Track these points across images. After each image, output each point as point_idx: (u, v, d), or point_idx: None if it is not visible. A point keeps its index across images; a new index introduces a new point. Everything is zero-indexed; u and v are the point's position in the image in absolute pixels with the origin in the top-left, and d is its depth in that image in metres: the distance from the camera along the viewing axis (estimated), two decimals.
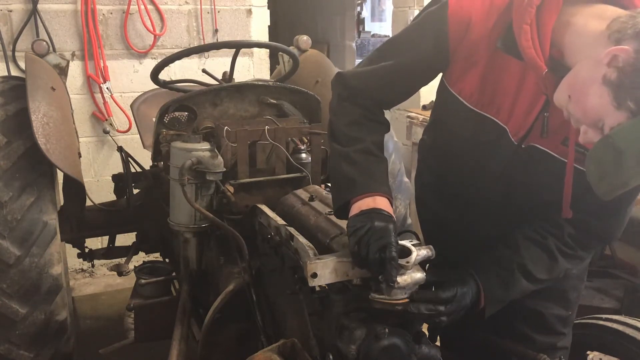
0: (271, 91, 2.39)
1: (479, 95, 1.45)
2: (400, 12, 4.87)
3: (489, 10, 1.35)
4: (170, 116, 2.34)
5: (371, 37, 15.63)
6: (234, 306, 1.87)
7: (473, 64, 1.42)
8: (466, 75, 1.45)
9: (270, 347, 1.47)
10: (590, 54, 1.15)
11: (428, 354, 1.38)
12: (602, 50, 1.11)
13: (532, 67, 1.28)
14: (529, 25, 1.25)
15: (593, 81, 1.12)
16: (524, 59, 1.28)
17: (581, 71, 1.17)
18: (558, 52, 1.26)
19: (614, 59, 1.08)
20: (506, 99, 1.42)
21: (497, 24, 1.35)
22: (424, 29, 1.45)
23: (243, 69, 4.11)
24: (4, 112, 2.12)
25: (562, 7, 1.24)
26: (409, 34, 1.52)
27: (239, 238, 1.84)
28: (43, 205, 2.03)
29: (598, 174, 1.12)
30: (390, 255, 1.25)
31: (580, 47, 1.20)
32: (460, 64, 1.44)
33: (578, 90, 1.17)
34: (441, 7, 1.40)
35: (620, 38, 1.09)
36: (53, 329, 2.04)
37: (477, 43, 1.38)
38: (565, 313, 1.73)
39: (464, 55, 1.42)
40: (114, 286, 3.78)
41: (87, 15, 3.66)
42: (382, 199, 1.39)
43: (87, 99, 3.83)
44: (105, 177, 3.71)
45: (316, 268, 1.33)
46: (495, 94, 1.43)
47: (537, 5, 1.24)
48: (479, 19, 1.36)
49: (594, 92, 1.12)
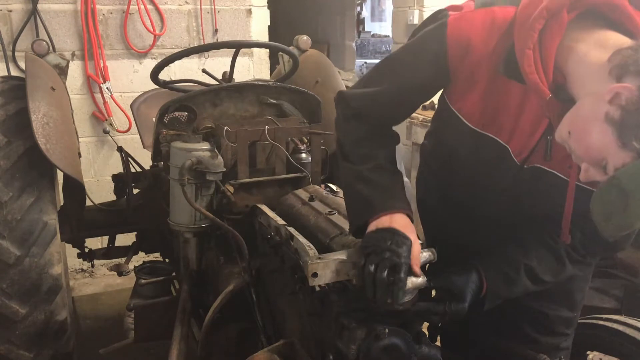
0: (271, 91, 2.39)
1: (479, 115, 1.43)
2: (400, 12, 4.87)
3: (489, 32, 1.32)
4: (170, 116, 2.34)
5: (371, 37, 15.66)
6: (234, 306, 1.88)
7: (473, 84, 1.39)
8: (467, 94, 1.42)
9: (270, 347, 1.47)
10: (592, 88, 1.12)
11: (428, 354, 1.39)
12: (603, 85, 1.08)
13: (536, 92, 1.24)
14: (531, 50, 1.21)
15: (595, 118, 1.08)
16: (527, 83, 1.25)
17: (582, 108, 1.14)
18: (561, 77, 1.22)
19: (616, 96, 1.04)
20: (507, 119, 1.39)
21: (498, 45, 1.32)
22: (423, 49, 1.42)
23: (243, 69, 4.11)
24: (4, 112, 2.12)
25: (565, 31, 1.20)
26: (408, 55, 1.49)
27: (239, 238, 1.84)
28: (43, 205, 2.03)
29: (604, 215, 1.08)
30: (398, 276, 1.26)
31: (582, 77, 1.17)
32: (460, 83, 1.41)
33: (579, 128, 1.13)
34: (440, 27, 1.37)
35: (622, 74, 1.06)
36: (53, 329, 2.04)
37: (477, 64, 1.35)
38: (571, 314, 1.72)
39: (464, 75, 1.39)
40: (114, 286, 3.78)
41: (87, 15, 3.66)
42: (400, 217, 1.38)
43: (87, 99, 3.83)
44: (105, 177, 3.71)
45: (317, 268, 1.34)
46: (496, 114, 1.40)
47: (539, 30, 1.20)
48: (478, 41, 1.33)
49: (596, 130, 1.08)
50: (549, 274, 1.49)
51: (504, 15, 1.31)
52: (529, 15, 1.22)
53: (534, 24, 1.20)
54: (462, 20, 1.35)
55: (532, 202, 1.49)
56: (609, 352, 1.85)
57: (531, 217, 1.51)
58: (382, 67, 1.54)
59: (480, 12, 1.35)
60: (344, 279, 1.38)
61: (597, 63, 1.12)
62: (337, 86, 2.74)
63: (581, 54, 1.17)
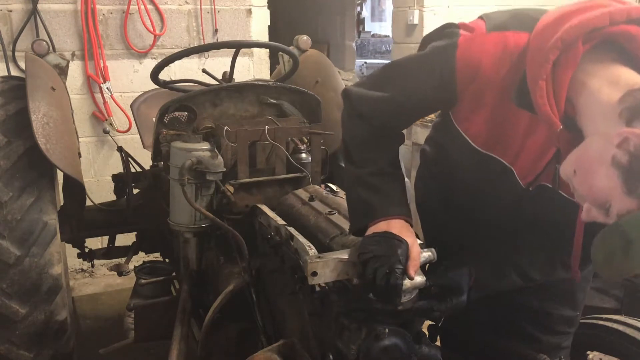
0: (271, 91, 2.39)
1: (485, 137, 1.42)
2: (400, 12, 4.87)
3: (500, 58, 1.29)
4: (170, 116, 2.34)
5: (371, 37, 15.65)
6: (234, 306, 1.88)
7: (481, 107, 1.37)
8: (473, 115, 1.41)
9: (270, 347, 1.47)
10: (601, 127, 1.09)
11: (428, 354, 1.39)
12: (613, 126, 1.05)
13: (546, 123, 1.21)
14: (544, 81, 1.17)
15: (602, 161, 1.05)
16: (538, 114, 1.21)
17: (590, 147, 1.11)
18: (572, 109, 1.19)
19: (625, 141, 1.01)
20: (514, 143, 1.38)
21: (509, 73, 1.29)
22: (431, 66, 1.38)
23: (243, 69, 4.11)
24: (4, 112, 2.12)
25: (579, 64, 1.16)
26: (416, 68, 1.44)
27: (239, 238, 1.84)
28: (43, 205, 2.03)
29: (605, 259, 1.06)
30: (394, 282, 1.27)
31: (592, 114, 1.13)
32: (467, 103, 1.40)
33: (585, 168, 1.11)
34: (450, 46, 1.33)
35: (632, 118, 1.03)
36: (53, 329, 2.04)
37: (486, 88, 1.33)
38: (573, 313, 1.72)
39: (471, 97, 1.37)
40: (114, 286, 3.78)
41: (87, 15, 3.66)
42: (397, 222, 1.39)
43: (87, 99, 3.83)
44: (105, 177, 3.70)
45: (316, 267, 1.34)
46: (502, 137, 1.39)
47: (553, 60, 1.16)
48: (489, 66, 1.30)
49: (602, 173, 1.05)
50: (539, 274, 1.50)
51: (517, 42, 1.27)
52: (543, 44, 1.18)
53: (548, 55, 1.15)
54: (473, 43, 1.31)
55: (535, 215, 1.48)
56: (609, 352, 1.85)
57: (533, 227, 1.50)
58: (389, 72, 1.50)
59: (492, 36, 1.30)
60: (343, 279, 1.38)
61: (608, 102, 1.09)
62: (337, 86, 2.74)
63: (593, 89, 1.13)
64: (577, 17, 1.14)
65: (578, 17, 1.14)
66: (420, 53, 1.44)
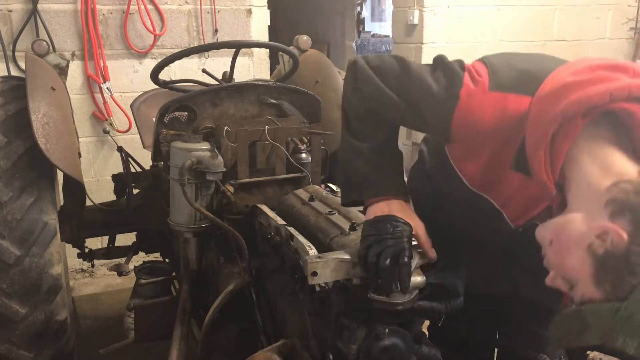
0: (271, 91, 2.39)
1: (479, 180, 1.43)
2: (400, 12, 4.87)
3: (499, 120, 1.28)
4: (170, 116, 2.34)
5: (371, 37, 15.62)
6: (234, 306, 1.88)
7: (475, 156, 1.38)
8: (467, 161, 1.42)
9: (270, 347, 1.47)
10: (586, 207, 1.09)
11: (428, 354, 1.39)
12: (597, 212, 1.05)
13: (541, 188, 1.21)
14: (543, 151, 1.17)
15: (578, 244, 1.06)
16: (534, 179, 1.22)
17: (571, 226, 1.11)
18: (563, 178, 1.19)
19: (604, 234, 1.02)
20: (506, 190, 1.39)
21: (506, 136, 1.29)
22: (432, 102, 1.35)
23: (243, 69, 4.11)
24: (4, 112, 2.12)
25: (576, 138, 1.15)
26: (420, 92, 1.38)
27: (239, 238, 1.84)
28: (43, 205, 2.03)
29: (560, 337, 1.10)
30: (403, 261, 1.27)
31: (580, 193, 1.14)
32: (461, 148, 1.40)
33: (562, 244, 1.12)
34: (451, 96, 1.31)
35: (616, 212, 1.03)
36: (53, 329, 2.04)
37: (481, 144, 1.33)
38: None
39: (465, 146, 1.38)
40: (114, 286, 3.78)
41: (87, 15, 3.66)
42: (397, 203, 1.40)
43: (87, 99, 3.83)
44: (105, 177, 3.70)
45: (316, 267, 1.34)
46: (495, 184, 1.40)
47: (552, 133, 1.16)
48: (486, 127, 1.29)
49: (576, 255, 1.07)
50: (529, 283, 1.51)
51: (517, 107, 1.26)
52: (543, 115, 1.17)
53: (548, 128, 1.15)
54: (473, 101, 1.30)
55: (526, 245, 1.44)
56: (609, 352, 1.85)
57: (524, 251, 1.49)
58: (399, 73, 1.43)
59: (493, 96, 1.28)
60: (343, 278, 1.38)
61: (596, 187, 1.08)
62: (337, 86, 2.74)
63: (585, 169, 1.13)
64: (578, 91, 1.13)
65: (579, 91, 1.13)
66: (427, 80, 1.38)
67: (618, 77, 1.13)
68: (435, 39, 4.70)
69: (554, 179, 1.18)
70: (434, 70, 1.39)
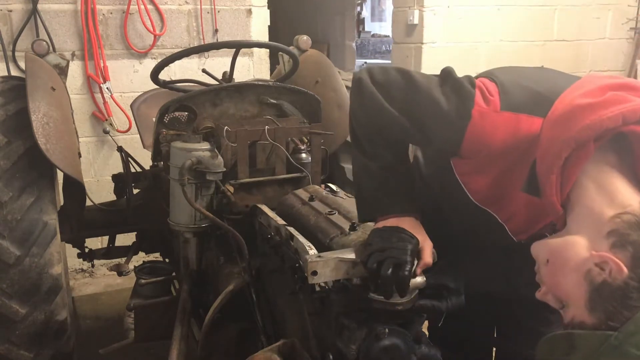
0: (271, 91, 2.39)
1: (484, 196, 1.42)
2: (400, 12, 4.87)
3: (510, 142, 1.28)
4: (170, 116, 2.34)
5: (371, 37, 15.65)
6: (234, 306, 1.88)
7: (483, 172, 1.38)
8: (474, 176, 1.41)
9: (270, 347, 1.47)
10: (587, 233, 1.09)
11: (428, 354, 1.39)
12: (598, 239, 1.06)
13: (549, 208, 1.21)
14: (555, 175, 1.16)
15: (576, 269, 1.07)
16: (544, 201, 1.21)
17: (570, 249, 1.11)
18: (566, 200, 1.19)
19: (604, 264, 1.02)
20: (511, 207, 1.40)
21: (517, 157, 1.29)
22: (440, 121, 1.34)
23: (243, 69, 4.11)
24: (4, 112, 2.12)
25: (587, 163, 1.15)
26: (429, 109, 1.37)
27: (239, 238, 1.84)
28: (43, 205, 2.03)
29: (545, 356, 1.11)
30: (403, 273, 1.27)
31: (583, 218, 1.13)
32: (469, 164, 1.39)
33: (558, 265, 1.13)
34: (463, 115, 1.30)
35: (617, 244, 1.03)
36: (53, 329, 2.04)
37: (490, 162, 1.33)
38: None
39: (474, 163, 1.37)
40: (114, 286, 3.78)
41: (87, 15, 3.66)
42: (409, 220, 1.40)
43: (87, 99, 3.83)
44: (105, 177, 3.71)
45: (316, 266, 1.34)
46: (500, 200, 1.40)
47: (565, 157, 1.15)
48: (497, 146, 1.29)
49: (573, 278, 1.08)
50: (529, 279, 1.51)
51: (529, 128, 1.26)
52: (555, 139, 1.17)
53: (561, 152, 1.14)
54: (485, 121, 1.29)
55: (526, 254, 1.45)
56: None
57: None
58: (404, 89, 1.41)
59: (505, 116, 1.28)
60: (343, 278, 1.38)
61: (599, 215, 1.09)
62: (337, 86, 2.74)
63: (589, 195, 1.13)
64: (591, 115, 1.12)
65: (592, 115, 1.12)
66: (436, 97, 1.36)
67: (629, 98, 1.12)
68: (435, 39, 4.70)
69: (562, 199, 1.18)
70: (442, 84, 1.37)
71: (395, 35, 5.04)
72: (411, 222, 1.40)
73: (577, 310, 1.07)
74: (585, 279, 1.05)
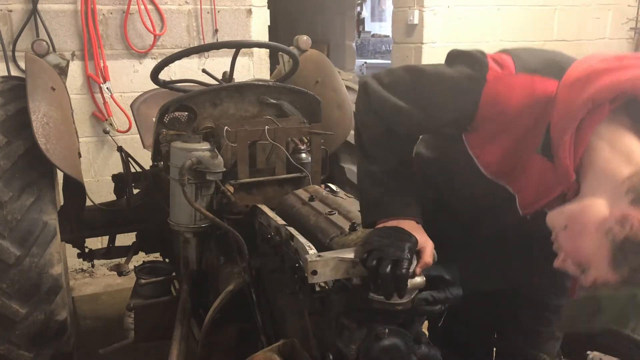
0: (271, 91, 2.39)
1: (496, 167, 1.41)
2: (400, 12, 4.87)
3: (526, 103, 1.28)
4: (170, 116, 2.34)
5: (371, 37, 15.66)
6: (234, 306, 1.88)
7: (497, 140, 1.37)
8: (487, 145, 1.40)
9: (270, 347, 1.47)
10: (605, 194, 1.10)
11: (428, 354, 1.39)
12: (616, 198, 1.07)
13: (561, 173, 1.22)
14: (569, 137, 1.17)
15: (597, 228, 1.08)
16: (556, 165, 1.22)
17: (589, 210, 1.12)
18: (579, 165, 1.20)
19: (625, 220, 1.04)
20: (524, 176, 1.39)
21: (532, 120, 1.29)
22: (456, 92, 1.36)
23: (243, 69, 4.11)
24: (4, 112, 2.12)
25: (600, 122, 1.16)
26: (441, 87, 1.39)
27: (239, 238, 1.84)
28: (43, 205, 2.03)
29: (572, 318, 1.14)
30: (400, 271, 1.27)
31: (599, 180, 1.14)
32: (483, 133, 1.39)
33: (578, 228, 1.13)
34: (479, 79, 1.31)
35: (637, 201, 1.05)
36: (53, 329, 2.04)
37: (506, 127, 1.32)
38: (564, 301, 1.76)
39: (489, 130, 1.37)
40: (114, 286, 3.78)
41: (87, 15, 3.66)
42: (409, 222, 1.41)
43: (87, 99, 3.83)
44: (105, 177, 3.70)
45: (316, 266, 1.34)
46: (513, 170, 1.39)
47: (580, 119, 1.16)
48: (512, 109, 1.29)
49: (593, 240, 1.08)
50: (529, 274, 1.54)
51: (544, 89, 1.26)
52: (572, 100, 1.17)
53: (577, 113, 1.15)
54: (501, 83, 1.29)
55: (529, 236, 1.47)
56: (609, 352, 1.85)
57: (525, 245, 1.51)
58: (412, 80, 1.44)
59: (519, 78, 1.28)
60: (343, 278, 1.38)
61: (616, 175, 1.10)
62: (337, 86, 2.74)
63: (605, 156, 1.14)
64: (609, 76, 1.13)
65: (609, 77, 1.13)
66: (447, 73, 1.39)
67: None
68: (435, 39, 4.70)
69: (575, 163, 1.19)
70: (452, 63, 1.40)
71: (395, 35, 5.04)
72: (411, 224, 1.41)
73: (599, 271, 1.08)
74: (607, 237, 1.06)
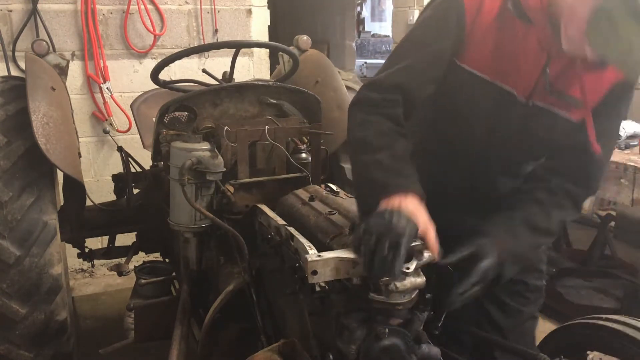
0: (271, 91, 2.39)
1: (490, 62, 1.54)
2: (400, 12, 4.87)
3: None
4: (170, 116, 2.34)
5: (371, 37, 15.65)
6: (234, 306, 1.88)
7: (484, 40, 1.52)
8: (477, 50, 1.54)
9: (270, 347, 1.47)
10: None
11: (428, 354, 1.38)
12: None
13: (540, 32, 1.43)
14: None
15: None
16: (531, 18, 1.43)
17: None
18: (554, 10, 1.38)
19: None
20: (513, 63, 1.52)
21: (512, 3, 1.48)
22: (444, 16, 1.53)
23: (243, 69, 4.11)
24: (4, 112, 2.12)
25: None
26: (430, 25, 1.57)
27: (239, 238, 1.84)
28: (43, 205, 2.03)
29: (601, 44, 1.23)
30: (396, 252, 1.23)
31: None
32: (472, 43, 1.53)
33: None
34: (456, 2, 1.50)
35: None
36: (53, 329, 2.04)
37: (488, 15, 1.49)
38: (541, 284, 1.88)
39: (478, 34, 1.52)
40: (114, 286, 3.78)
41: (87, 15, 3.66)
42: (412, 198, 1.37)
43: (87, 99, 3.83)
44: (105, 177, 3.71)
45: (316, 265, 1.33)
46: (503, 60, 1.53)
47: None
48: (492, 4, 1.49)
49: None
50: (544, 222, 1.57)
51: None
52: None
53: None
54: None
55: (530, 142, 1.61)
56: (609, 352, 1.85)
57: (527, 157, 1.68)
58: (403, 45, 1.61)
59: None
60: (343, 277, 1.38)
61: None
62: (337, 86, 2.74)
63: None
64: None
65: None
66: (428, 14, 1.58)
67: None
68: None
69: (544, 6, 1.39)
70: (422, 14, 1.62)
71: (395, 35, 5.05)
72: (414, 201, 1.37)
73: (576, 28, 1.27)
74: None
